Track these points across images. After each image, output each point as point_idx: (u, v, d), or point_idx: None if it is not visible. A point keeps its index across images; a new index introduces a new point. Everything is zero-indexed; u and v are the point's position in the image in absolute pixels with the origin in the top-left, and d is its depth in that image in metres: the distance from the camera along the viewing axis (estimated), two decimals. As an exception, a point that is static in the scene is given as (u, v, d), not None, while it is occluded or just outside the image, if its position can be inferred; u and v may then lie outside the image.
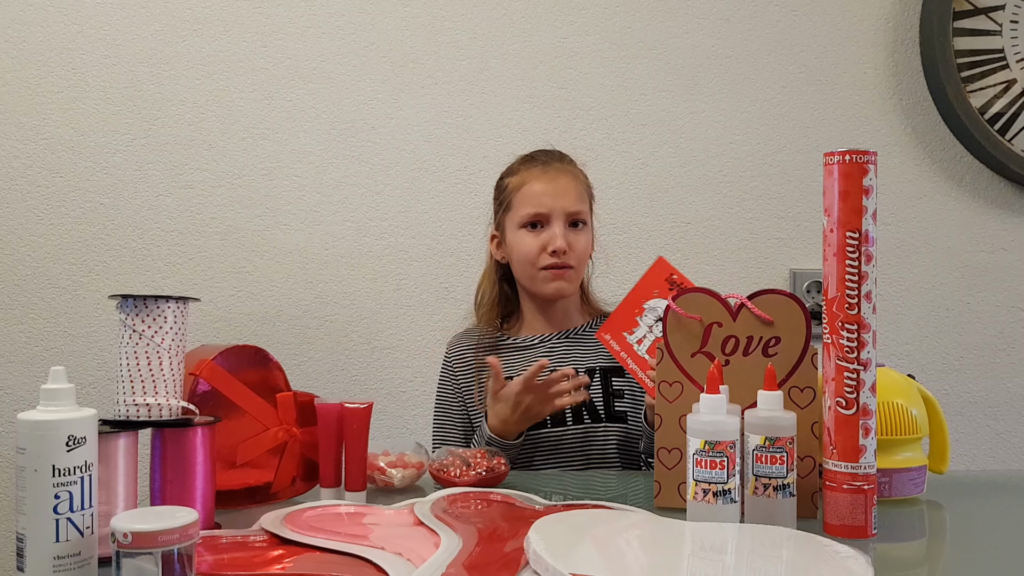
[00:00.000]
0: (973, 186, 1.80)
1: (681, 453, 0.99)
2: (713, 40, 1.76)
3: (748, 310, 0.99)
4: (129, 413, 0.89)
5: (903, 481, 1.05)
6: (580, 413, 1.33)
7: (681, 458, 0.99)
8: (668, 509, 0.97)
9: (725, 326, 1.00)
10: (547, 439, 1.33)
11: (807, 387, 0.98)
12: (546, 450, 1.33)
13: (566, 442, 1.33)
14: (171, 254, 1.67)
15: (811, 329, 0.99)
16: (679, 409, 1.00)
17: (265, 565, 0.78)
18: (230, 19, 1.68)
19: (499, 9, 1.73)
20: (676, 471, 0.99)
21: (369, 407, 1.05)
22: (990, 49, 1.76)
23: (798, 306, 0.99)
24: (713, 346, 1.00)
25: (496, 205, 1.41)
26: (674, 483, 1.00)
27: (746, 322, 1.00)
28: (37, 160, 1.64)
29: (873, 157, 0.90)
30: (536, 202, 1.32)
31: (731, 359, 1.00)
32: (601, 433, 1.33)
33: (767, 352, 0.99)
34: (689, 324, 1.01)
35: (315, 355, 1.70)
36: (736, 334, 1.00)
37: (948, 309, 1.80)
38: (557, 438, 1.33)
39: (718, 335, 1.00)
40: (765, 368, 0.93)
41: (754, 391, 0.94)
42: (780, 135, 1.77)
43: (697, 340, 1.01)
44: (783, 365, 0.98)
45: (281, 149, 1.69)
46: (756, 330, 0.99)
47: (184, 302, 0.92)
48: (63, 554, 0.73)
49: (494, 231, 1.42)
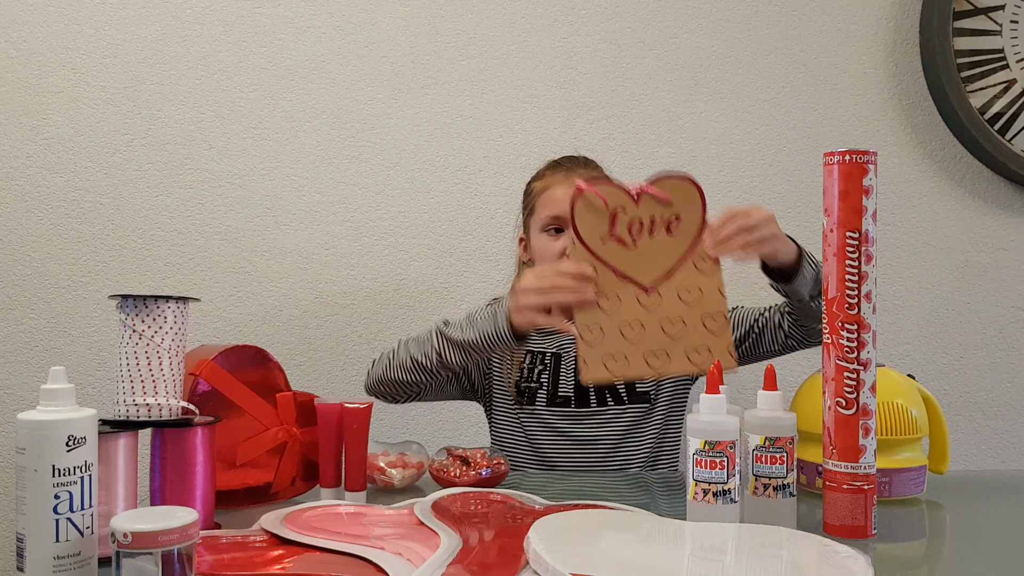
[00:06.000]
0: (973, 186, 1.80)
1: (602, 330, 1.09)
2: (713, 40, 1.76)
3: (648, 194, 1.10)
4: (129, 413, 0.89)
5: (903, 481, 1.05)
6: (603, 396, 1.37)
7: (603, 333, 1.09)
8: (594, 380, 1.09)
9: (629, 211, 1.10)
10: (572, 421, 1.37)
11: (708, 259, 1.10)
12: (571, 434, 1.37)
13: (592, 424, 1.37)
14: (171, 254, 1.67)
15: (706, 205, 1.09)
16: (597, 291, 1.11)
17: (265, 565, 0.78)
18: (230, 19, 1.68)
19: (499, 9, 1.73)
20: (599, 347, 1.09)
21: (369, 407, 1.05)
22: (990, 49, 1.76)
23: (692, 185, 1.09)
24: (620, 229, 1.10)
25: (523, 208, 1.45)
26: (599, 358, 1.09)
27: (648, 205, 1.10)
28: (37, 160, 1.64)
29: (873, 157, 0.90)
30: (556, 207, 1.34)
31: (638, 239, 1.10)
32: (628, 415, 1.37)
33: (670, 230, 1.10)
34: (597, 213, 1.10)
35: (315, 355, 1.70)
36: (640, 217, 1.10)
37: (948, 309, 1.80)
38: (582, 421, 1.37)
39: (623, 219, 1.10)
40: (675, 248, 1.08)
41: (661, 266, 1.09)
42: (780, 135, 1.77)
43: (605, 225, 1.10)
44: (684, 240, 1.10)
45: (281, 149, 1.69)
46: (657, 211, 1.10)
47: (184, 302, 0.92)
48: (63, 554, 0.73)
49: (522, 234, 1.46)
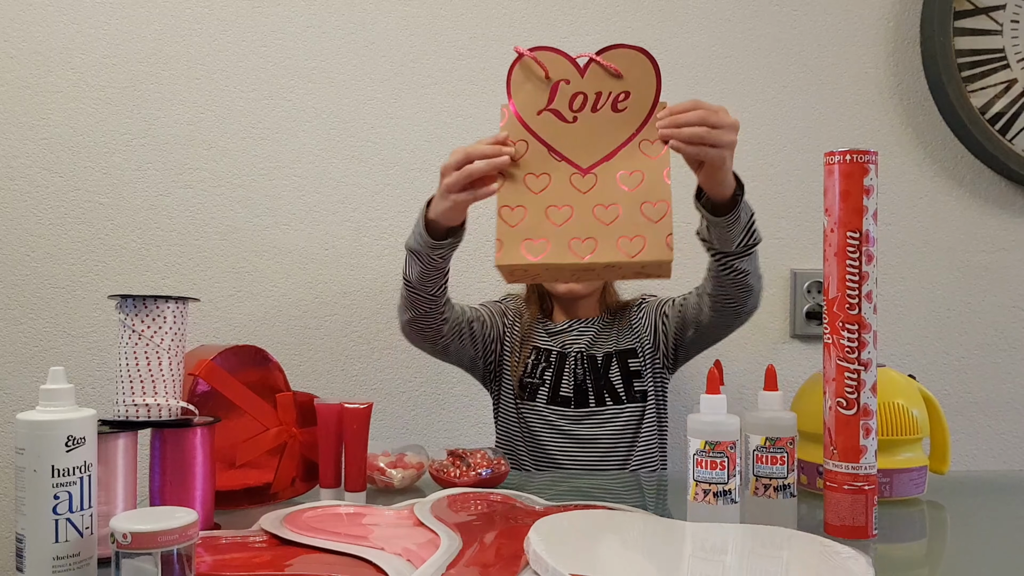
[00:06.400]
0: (974, 186, 1.79)
1: (525, 210, 0.96)
2: (713, 40, 1.76)
3: (596, 65, 0.96)
4: (128, 413, 0.89)
5: (904, 481, 1.05)
6: (602, 396, 1.38)
7: (525, 214, 0.96)
8: (508, 267, 0.97)
9: (573, 83, 0.97)
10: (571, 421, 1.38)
11: (656, 140, 0.97)
12: (570, 432, 1.38)
13: (590, 424, 1.38)
14: (170, 254, 1.66)
15: (660, 81, 0.97)
16: (524, 167, 0.98)
17: (265, 566, 0.78)
18: (230, 19, 1.68)
19: (499, 9, 1.73)
20: (519, 228, 0.97)
21: (369, 407, 1.05)
22: (991, 49, 1.76)
23: (647, 59, 0.97)
24: (560, 103, 0.97)
25: None
26: (518, 240, 0.97)
27: (595, 78, 0.97)
28: (36, 160, 1.64)
29: (874, 157, 0.90)
30: None
31: (579, 115, 0.97)
32: (625, 414, 1.38)
33: (616, 107, 0.96)
34: (536, 82, 0.97)
35: (315, 355, 1.70)
36: (584, 90, 0.97)
37: (949, 309, 1.80)
38: (581, 421, 1.38)
39: (565, 92, 0.97)
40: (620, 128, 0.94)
41: (602, 147, 0.95)
42: (780, 135, 1.77)
43: (544, 97, 0.97)
44: (633, 119, 0.96)
45: (281, 149, 1.69)
46: (605, 85, 0.96)
47: (183, 302, 0.92)
48: (62, 554, 0.73)
49: None
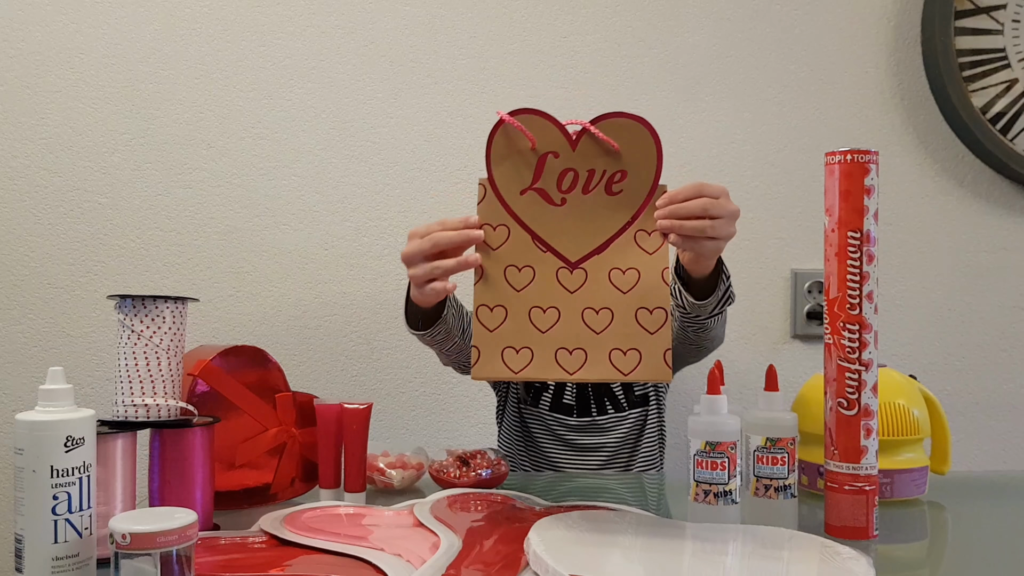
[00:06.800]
0: (974, 186, 1.79)
1: (505, 311, 0.83)
2: (713, 40, 1.76)
3: (591, 138, 0.85)
4: (128, 414, 0.88)
5: (905, 482, 1.05)
6: (603, 404, 1.38)
7: (506, 317, 0.83)
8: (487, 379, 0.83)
9: (563, 157, 0.85)
10: (573, 430, 1.38)
11: (654, 232, 0.86)
12: (572, 440, 1.38)
13: (593, 432, 1.38)
14: (170, 254, 1.66)
15: (662, 162, 0.86)
16: (504, 259, 0.86)
17: (264, 566, 0.78)
18: (229, 18, 1.68)
19: (499, 9, 1.72)
20: (499, 333, 0.84)
21: (368, 408, 1.05)
22: (992, 48, 1.76)
23: (648, 132, 0.86)
24: (547, 181, 0.85)
25: None
26: (497, 348, 0.83)
27: (588, 152, 0.85)
28: (35, 160, 1.63)
29: (874, 157, 0.90)
30: None
31: (568, 197, 0.85)
32: (627, 421, 1.39)
33: (611, 189, 0.86)
34: (520, 155, 0.85)
35: (314, 355, 1.70)
36: (575, 167, 0.85)
37: (950, 309, 1.79)
38: (584, 429, 1.38)
39: (553, 168, 0.85)
40: (614, 214, 0.82)
41: (593, 237, 0.83)
42: (780, 135, 1.77)
43: (529, 173, 0.86)
44: (629, 204, 0.86)
45: (280, 149, 1.69)
46: (599, 162, 0.85)
47: (182, 302, 0.92)
48: (61, 555, 0.73)
49: None
